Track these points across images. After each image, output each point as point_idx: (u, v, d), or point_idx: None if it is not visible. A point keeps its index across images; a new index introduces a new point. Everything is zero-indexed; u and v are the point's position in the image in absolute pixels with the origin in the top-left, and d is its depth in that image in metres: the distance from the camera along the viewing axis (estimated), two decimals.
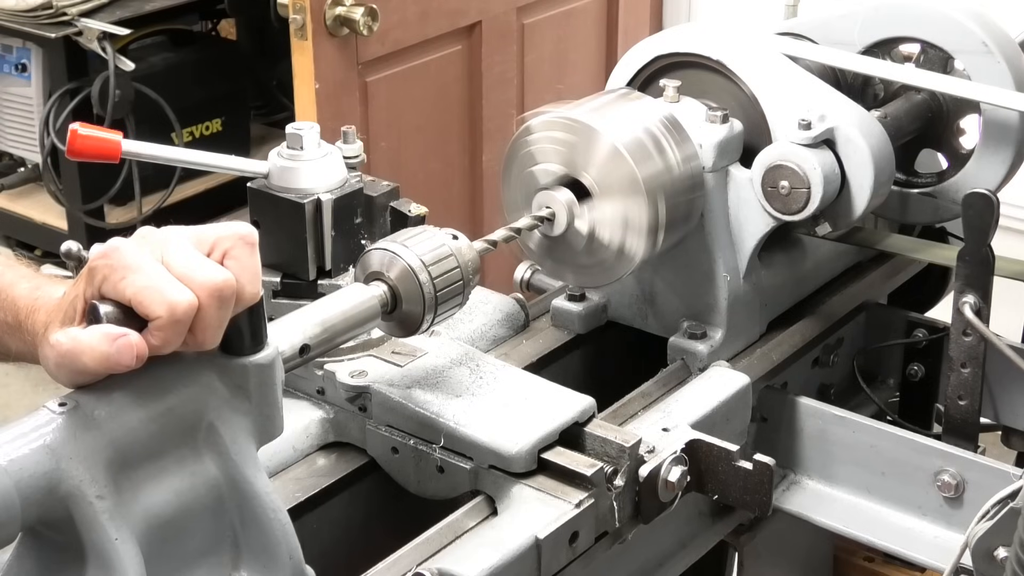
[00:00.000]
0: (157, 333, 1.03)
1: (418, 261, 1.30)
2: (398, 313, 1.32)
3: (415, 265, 1.30)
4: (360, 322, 1.28)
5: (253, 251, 1.07)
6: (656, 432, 1.42)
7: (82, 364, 1.02)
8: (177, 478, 1.07)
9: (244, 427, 1.09)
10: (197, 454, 1.08)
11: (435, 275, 1.31)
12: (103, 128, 1.45)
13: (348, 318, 1.27)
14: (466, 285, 1.34)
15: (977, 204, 1.56)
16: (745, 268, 1.62)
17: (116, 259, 1.03)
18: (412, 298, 1.31)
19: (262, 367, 1.09)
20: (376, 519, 1.46)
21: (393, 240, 1.33)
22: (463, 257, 1.34)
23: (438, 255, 1.32)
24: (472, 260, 1.35)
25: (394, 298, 1.31)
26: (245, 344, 1.08)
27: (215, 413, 1.08)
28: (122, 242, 1.05)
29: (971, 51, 1.69)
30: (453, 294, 1.33)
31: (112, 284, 1.03)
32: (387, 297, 1.30)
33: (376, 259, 1.32)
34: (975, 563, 1.30)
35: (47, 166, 3.98)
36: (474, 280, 1.36)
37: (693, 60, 1.64)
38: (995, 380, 1.71)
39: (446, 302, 1.32)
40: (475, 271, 1.35)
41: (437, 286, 1.31)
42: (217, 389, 1.08)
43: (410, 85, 3.06)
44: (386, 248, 1.32)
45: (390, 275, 1.31)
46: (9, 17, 3.80)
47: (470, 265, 1.35)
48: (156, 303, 1.02)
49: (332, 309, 1.26)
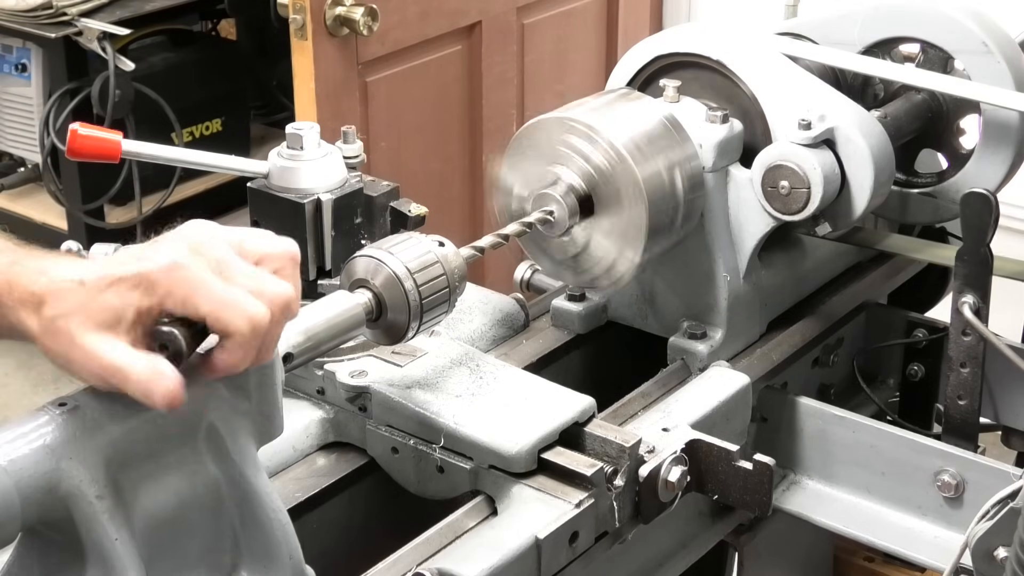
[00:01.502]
0: (236, 349, 1.03)
1: (403, 268, 1.29)
2: (383, 321, 1.31)
3: (400, 272, 1.29)
4: (344, 330, 1.27)
5: (297, 268, 1.09)
6: (656, 432, 1.42)
7: (117, 382, 1.01)
8: (177, 478, 1.07)
9: (244, 427, 1.10)
10: (197, 454, 1.08)
11: (420, 282, 1.29)
12: (103, 128, 1.45)
13: (332, 326, 1.25)
14: (452, 292, 1.33)
15: (976, 204, 1.56)
16: (745, 268, 1.62)
17: (183, 274, 1.02)
18: (397, 306, 1.29)
19: (262, 367, 1.09)
20: (376, 519, 1.46)
21: (378, 247, 1.32)
22: (449, 264, 1.33)
23: (424, 262, 1.31)
24: (459, 267, 1.34)
25: (379, 306, 1.30)
26: None
27: (215, 413, 1.08)
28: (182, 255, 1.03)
29: (971, 51, 1.69)
30: (439, 302, 1.32)
31: (181, 298, 1.02)
32: (372, 305, 1.29)
33: (361, 266, 1.31)
34: (975, 563, 1.30)
35: (47, 166, 3.98)
36: (460, 287, 1.34)
37: (693, 60, 1.64)
38: (995, 380, 1.71)
39: (432, 310, 1.31)
40: (461, 278, 1.34)
41: (423, 293, 1.29)
42: (217, 389, 1.08)
43: (410, 85, 3.05)
44: (371, 255, 1.30)
45: (375, 282, 1.30)
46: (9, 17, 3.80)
47: (456, 272, 1.33)
48: (238, 318, 1.02)
49: (316, 317, 1.25)
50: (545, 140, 1.52)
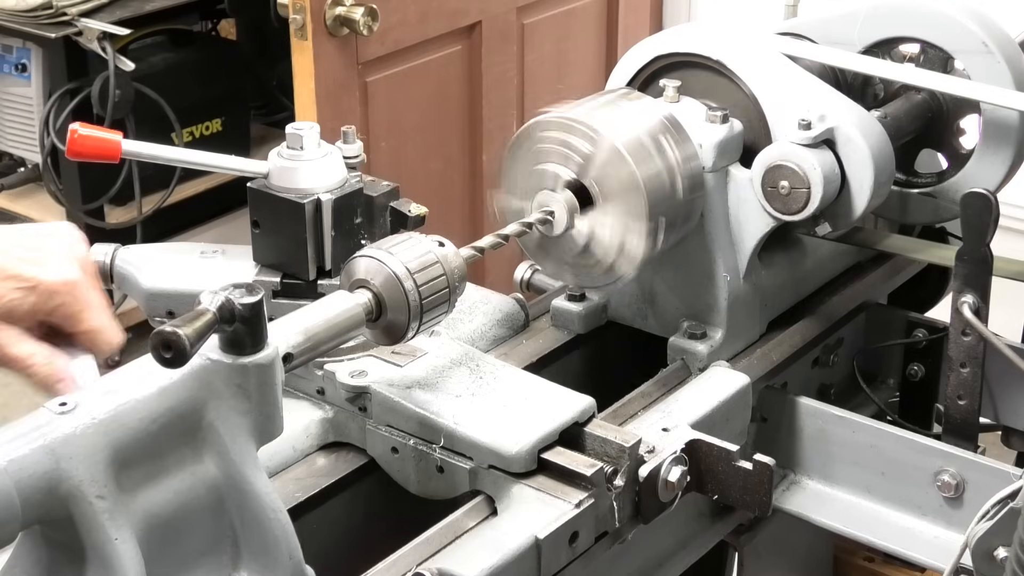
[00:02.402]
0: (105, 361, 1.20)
1: (403, 268, 1.29)
2: (383, 321, 1.30)
3: (400, 272, 1.29)
4: (344, 330, 1.26)
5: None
6: (656, 432, 1.42)
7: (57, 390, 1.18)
8: (177, 478, 1.07)
9: (244, 427, 1.10)
10: (197, 454, 1.08)
11: (420, 283, 1.29)
12: (103, 128, 1.45)
13: (332, 326, 1.25)
14: (452, 292, 1.33)
15: (975, 204, 1.56)
16: (745, 268, 1.62)
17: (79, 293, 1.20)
18: (397, 306, 1.29)
19: (262, 367, 1.09)
20: (376, 519, 1.46)
21: (378, 247, 1.31)
22: (449, 264, 1.32)
23: (424, 262, 1.30)
24: (458, 267, 1.34)
25: (379, 306, 1.29)
26: (246, 344, 1.08)
27: (215, 413, 1.08)
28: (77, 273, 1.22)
29: (971, 51, 1.69)
30: (439, 302, 1.31)
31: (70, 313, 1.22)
32: (372, 305, 1.29)
33: (361, 266, 1.30)
34: (975, 563, 1.30)
35: (47, 166, 3.98)
36: (460, 287, 1.34)
37: (693, 60, 1.64)
38: (995, 380, 1.71)
39: (432, 310, 1.31)
40: (461, 278, 1.34)
41: (423, 294, 1.29)
42: (217, 389, 1.08)
43: (410, 85, 3.06)
44: (371, 255, 1.30)
45: (375, 283, 1.29)
46: (9, 17, 3.80)
47: (456, 272, 1.33)
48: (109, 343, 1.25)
49: (316, 317, 1.24)
50: (545, 140, 1.52)
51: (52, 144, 3.91)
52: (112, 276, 1.52)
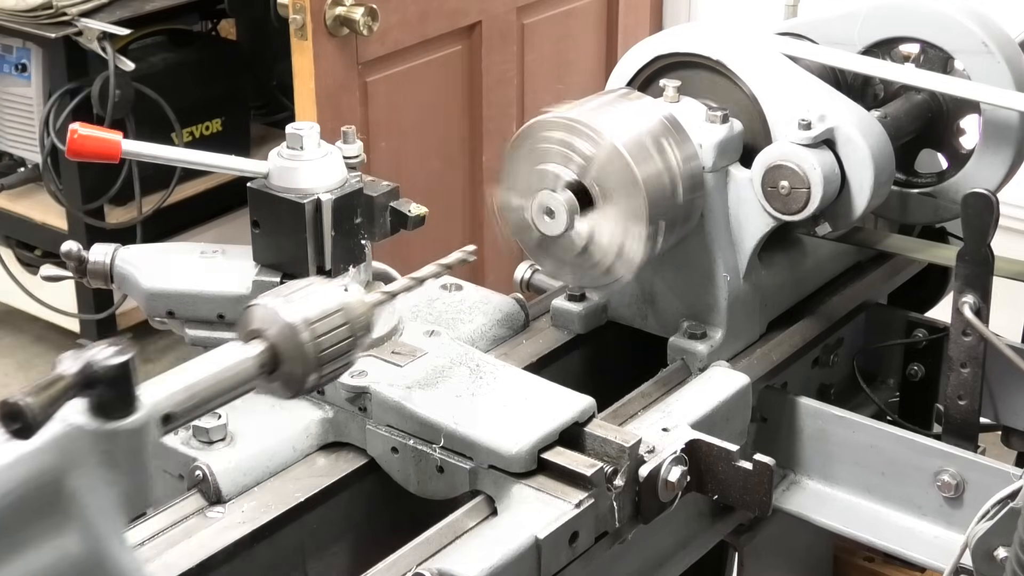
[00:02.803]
0: None
1: (300, 318, 1.19)
2: (279, 374, 1.20)
3: (297, 323, 1.19)
4: (234, 385, 1.16)
5: None
6: (656, 432, 1.42)
7: None
8: (36, 555, 0.96)
9: (111, 498, 1.00)
10: (59, 528, 0.98)
11: (320, 333, 1.20)
12: (103, 128, 1.45)
13: (220, 382, 1.14)
14: (355, 342, 1.23)
15: (976, 204, 1.56)
16: (745, 268, 1.62)
17: None
18: (293, 357, 1.18)
19: (132, 432, 0.99)
20: (376, 519, 1.46)
21: (276, 294, 1.22)
22: (352, 312, 1.23)
23: (323, 311, 1.21)
24: (363, 315, 1.24)
25: (274, 358, 1.19)
26: (113, 408, 0.98)
27: (79, 483, 0.97)
28: None
29: (971, 51, 1.69)
30: (340, 352, 1.22)
31: None
32: (266, 357, 1.18)
33: (257, 316, 1.20)
34: (975, 563, 1.30)
35: (47, 166, 3.97)
36: (364, 337, 1.25)
37: (693, 60, 1.64)
38: (995, 380, 1.71)
39: (332, 361, 1.21)
40: (365, 326, 1.25)
41: (321, 345, 1.20)
42: (81, 457, 0.97)
43: (410, 85, 3.05)
44: (266, 304, 1.20)
45: (270, 333, 1.18)
46: (9, 17, 3.80)
47: (360, 320, 1.23)
48: None
49: (202, 372, 1.14)
50: (546, 140, 1.52)
51: (52, 144, 3.91)
52: (112, 276, 1.52)
